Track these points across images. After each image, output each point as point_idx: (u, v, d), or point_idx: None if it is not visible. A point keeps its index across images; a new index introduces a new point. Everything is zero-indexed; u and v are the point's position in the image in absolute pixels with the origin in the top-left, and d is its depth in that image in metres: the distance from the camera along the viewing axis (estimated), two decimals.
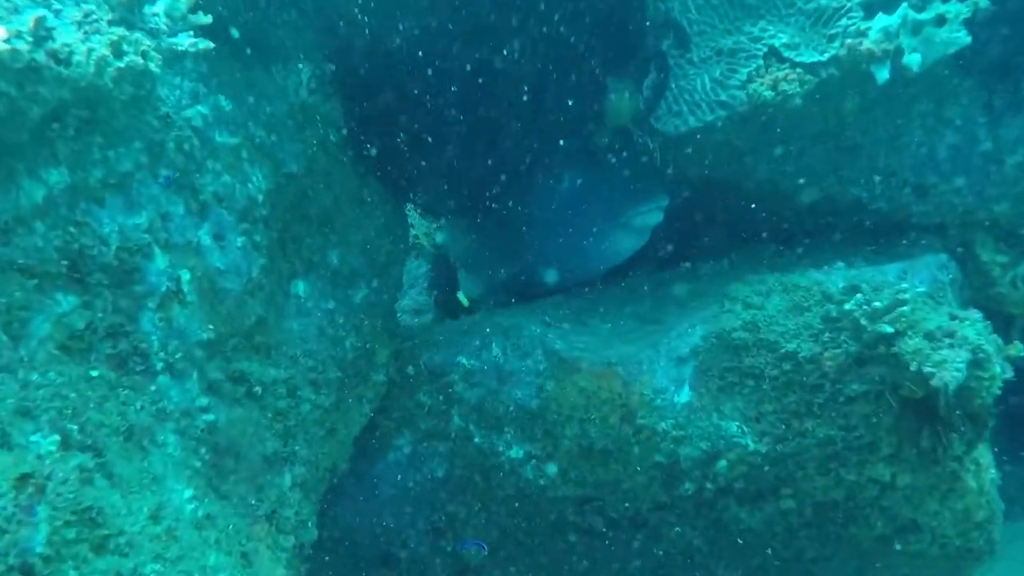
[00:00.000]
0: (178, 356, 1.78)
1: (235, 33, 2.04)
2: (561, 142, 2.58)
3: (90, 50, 1.30)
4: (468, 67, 2.21)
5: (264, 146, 2.11)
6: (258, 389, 1.99)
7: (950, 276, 2.34)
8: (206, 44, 1.70)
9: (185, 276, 1.83)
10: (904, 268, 2.35)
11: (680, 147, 2.37)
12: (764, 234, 2.92)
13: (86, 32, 1.36)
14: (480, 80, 2.29)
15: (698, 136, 2.31)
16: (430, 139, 2.33)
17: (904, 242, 2.69)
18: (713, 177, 2.66)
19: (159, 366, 1.73)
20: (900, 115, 2.48)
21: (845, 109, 2.37)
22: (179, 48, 1.60)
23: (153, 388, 1.70)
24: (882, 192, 2.63)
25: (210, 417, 1.84)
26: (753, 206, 2.78)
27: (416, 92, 2.21)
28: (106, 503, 1.37)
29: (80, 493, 1.31)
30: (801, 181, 2.64)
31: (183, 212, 1.85)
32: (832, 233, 2.83)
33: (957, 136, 2.50)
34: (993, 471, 2.30)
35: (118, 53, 1.34)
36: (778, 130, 2.44)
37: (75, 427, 1.41)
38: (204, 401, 1.84)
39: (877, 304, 2.00)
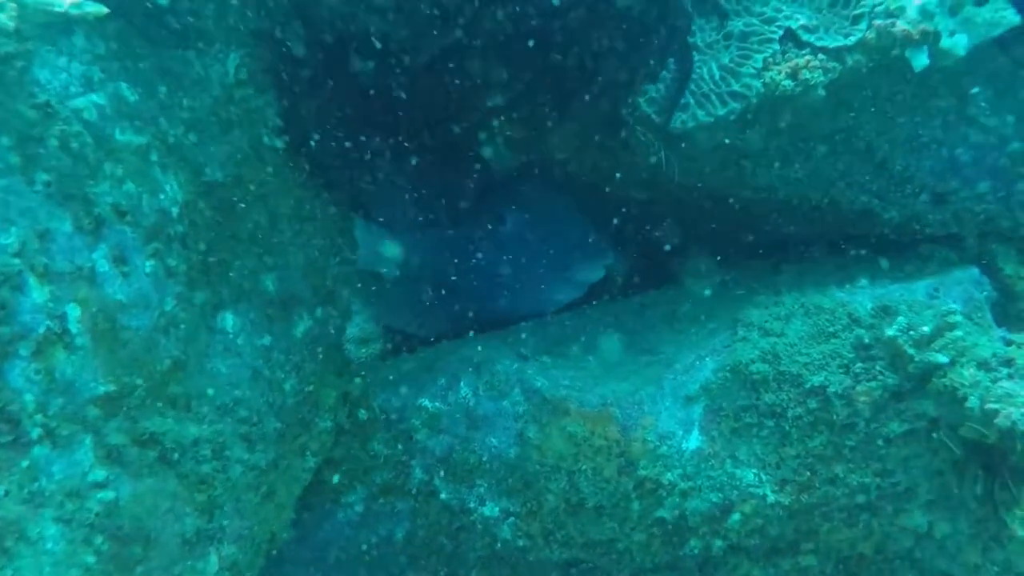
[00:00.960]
0: (63, 418, 1.35)
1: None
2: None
3: None
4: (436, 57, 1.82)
5: (180, 147, 1.70)
6: (174, 453, 1.57)
7: (985, 293, 2.04)
8: (97, 8, 1.30)
9: (74, 312, 1.41)
10: (934, 285, 2.04)
11: (681, 147, 2.03)
12: (760, 249, 2.62)
13: None
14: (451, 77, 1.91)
15: (701, 134, 1.97)
16: (390, 144, 1.94)
17: (918, 255, 2.40)
18: (708, 183, 2.34)
19: (35, 434, 1.31)
20: (919, 112, 2.19)
21: (864, 103, 2.07)
22: (56, 10, 1.19)
23: (25, 464, 1.28)
24: (896, 199, 2.33)
25: (109, 495, 1.42)
26: (750, 216, 2.47)
27: (373, 83, 1.82)
28: None
29: None
30: (807, 188, 2.33)
31: (70, 230, 1.43)
32: (837, 247, 2.53)
33: (982, 136, 2.22)
34: None
35: None
36: (785, 129, 2.13)
37: None
38: (100, 474, 1.41)
39: (926, 329, 1.69)
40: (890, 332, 1.76)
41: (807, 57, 1.86)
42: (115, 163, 1.53)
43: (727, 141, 2.05)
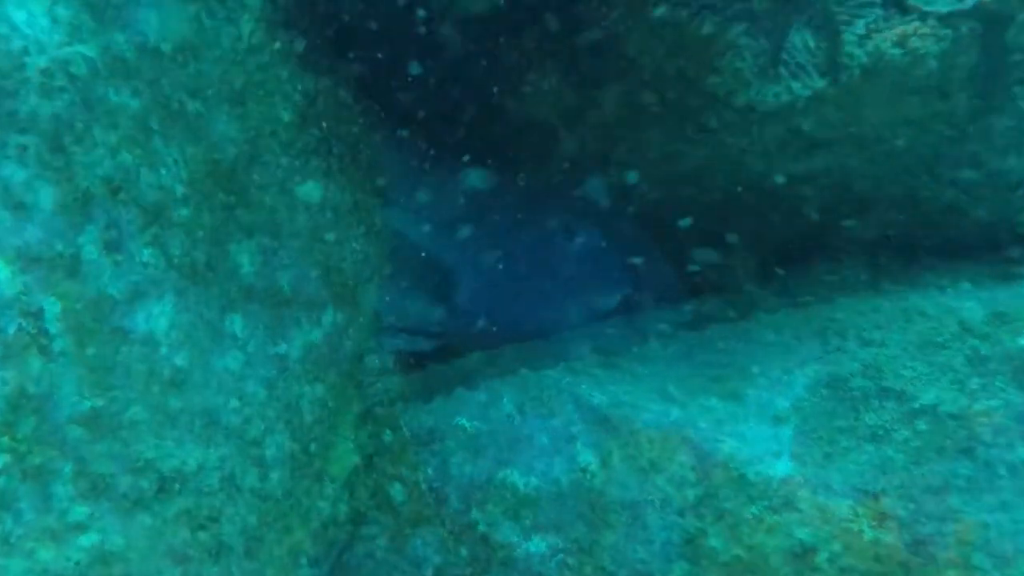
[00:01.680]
0: (36, 441, 1.07)
1: None
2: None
3: None
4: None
5: (185, 115, 1.44)
6: (174, 483, 1.29)
7: None
8: None
9: (53, 309, 1.14)
10: None
11: (769, 126, 1.78)
12: (825, 252, 2.36)
13: None
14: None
15: (785, 112, 1.72)
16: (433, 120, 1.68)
17: (1006, 259, 2.15)
18: (773, 170, 2.09)
19: (0, 461, 1.03)
20: (1021, 94, 1.94)
21: (963, 79, 1.82)
22: None
23: None
24: (987, 195, 2.08)
25: (91, 539, 1.14)
26: (815, 215, 2.22)
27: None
28: None
29: None
30: (884, 181, 2.09)
31: (51, 206, 1.16)
32: (910, 249, 2.28)
33: None
34: None
35: None
36: (869, 110, 1.88)
37: None
38: (82, 512, 1.14)
39: None
40: (1021, 341, 1.50)
41: (915, 23, 1.61)
42: (108, 128, 1.26)
43: (807, 125, 1.80)
